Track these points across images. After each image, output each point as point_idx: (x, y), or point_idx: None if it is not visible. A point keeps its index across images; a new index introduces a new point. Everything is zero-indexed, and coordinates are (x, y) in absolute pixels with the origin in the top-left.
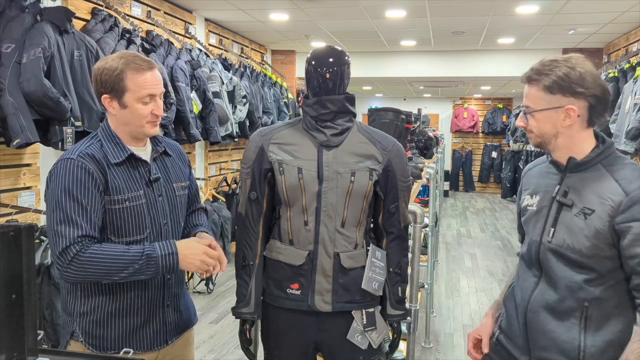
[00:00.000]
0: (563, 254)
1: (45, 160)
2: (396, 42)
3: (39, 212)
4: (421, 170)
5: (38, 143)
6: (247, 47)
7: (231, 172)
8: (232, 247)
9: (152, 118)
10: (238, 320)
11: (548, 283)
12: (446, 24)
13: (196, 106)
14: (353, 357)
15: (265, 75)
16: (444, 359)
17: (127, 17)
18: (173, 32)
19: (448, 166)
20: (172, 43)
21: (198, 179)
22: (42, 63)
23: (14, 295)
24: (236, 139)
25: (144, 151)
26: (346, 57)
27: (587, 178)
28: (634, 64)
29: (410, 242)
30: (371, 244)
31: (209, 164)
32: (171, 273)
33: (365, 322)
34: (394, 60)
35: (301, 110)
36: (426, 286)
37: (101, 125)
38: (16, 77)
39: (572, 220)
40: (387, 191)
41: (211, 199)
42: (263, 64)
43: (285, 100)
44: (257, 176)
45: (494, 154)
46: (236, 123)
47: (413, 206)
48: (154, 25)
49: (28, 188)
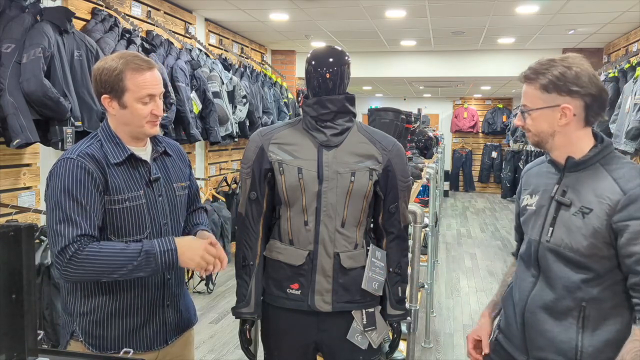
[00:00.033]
0: (561, 254)
1: (45, 160)
2: (396, 42)
3: (39, 212)
4: (421, 170)
5: (38, 143)
6: (247, 47)
7: (231, 172)
8: (232, 247)
9: (152, 118)
10: (238, 320)
11: (546, 283)
12: (446, 24)
13: (196, 106)
14: (353, 357)
15: (265, 75)
16: (444, 359)
17: (127, 17)
18: (173, 32)
19: (448, 166)
20: (172, 43)
21: (198, 179)
22: (42, 63)
23: (14, 295)
24: (236, 139)
25: (144, 151)
26: (346, 57)
27: (586, 177)
28: (634, 64)
29: (410, 242)
30: (371, 244)
31: (209, 164)
32: (171, 270)
33: (365, 322)
34: (394, 60)
35: (301, 110)
36: (426, 286)
37: (101, 125)
38: (16, 77)
39: (571, 219)
40: (387, 191)
41: (211, 199)
42: (263, 64)
43: (285, 100)
44: (257, 176)
45: (494, 154)
46: (236, 123)
47: (413, 206)
48: (154, 25)
49: (28, 188)
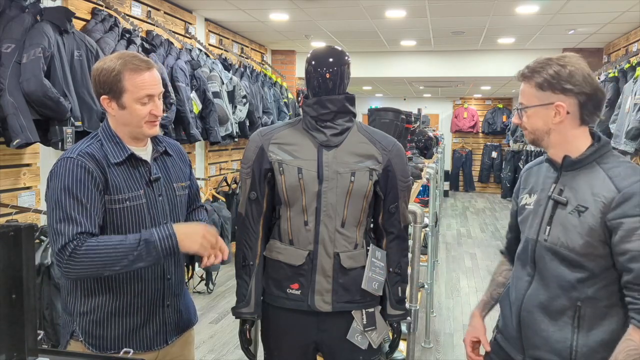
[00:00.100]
0: (558, 252)
1: (45, 160)
2: (396, 42)
3: (39, 212)
4: (421, 170)
5: (38, 143)
6: (247, 47)
7: (231, 172)
8: (232, 247)
9: (151, 118)
10: (238, 320)
11: (541, 282)
12: (446, 24)
13: (196, 106)
14: (353, 357)
15: (265, 75)
16: (444, 359)
17: (127, 17)
18: (173, 32)
19: (448, 166)
20: (172, 43)
21: (198, 179)
22: (42, 63)
23: (14, 295)
24: (236, 139)
25: (145, 151)
26: (346, 57)
27: (582, 176)
28: (634, 64)
29: (410, 242)
30: (371, 244)
31: (209, 164)
32: (173, 256)
33: (365, 322)
34: (394, 60)
35: (301, 110)
36: (426, 286)
37: (101, 125)
38: (16, 77)
39: (567, 218)
40: (387, 191)
41: (211, 199)
42: (263, 64)
43: (285, 100)
44: (257, 176)
45: (494, 154)
46: (236, 123)
47: (413, 206)
48: (154, 25)
49: (28, 188)
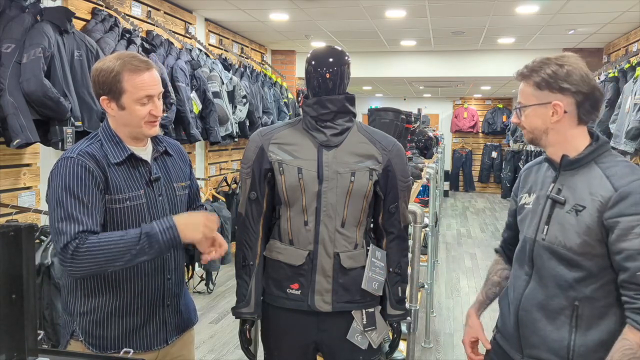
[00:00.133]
0: (555, 251)
1: (45, 160)
2: (396, 42)
3: (39, 212)
4: (421, 170)
5: (38, 143)
6: (247, 47)
7: (231, 172)
8: (232, 247)
9: (151, 118)
10: (238, 320)
11: (539, 281)
12: (446, 24)
13: (196, 106)
14: (353, 357)
15: (265, 75)
16: (444, 359)
17: (127, 17)
18: (173, 32)
19: (448, 166)
20: (172, 43)
21: (198, 179)
22: (42, 63)
23: (14, 295)
24: (236, 139)
25: (145, 151)
26: (346, 57)
27: (580, 175)
28: (634, 64)
29: (410, 242)
30: (371, 244)
31: (209, 164)
32: (176, 248)
33: (365, 322)
34: (394, 60)
35: (301, 110)
36: (426, 286)
37: (101, 125)
38: (16, 77)
39: (565, 217)
40: (387, 191)
41: (211, 199)
42: (263, 64)
43: (285, 100)
44: (257, 176)
45: (494, 154)
46: (236, 123)
47: (413, 206)
48: (154, 25)
49: (28, 188)
